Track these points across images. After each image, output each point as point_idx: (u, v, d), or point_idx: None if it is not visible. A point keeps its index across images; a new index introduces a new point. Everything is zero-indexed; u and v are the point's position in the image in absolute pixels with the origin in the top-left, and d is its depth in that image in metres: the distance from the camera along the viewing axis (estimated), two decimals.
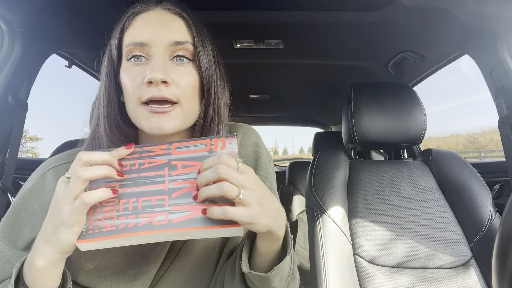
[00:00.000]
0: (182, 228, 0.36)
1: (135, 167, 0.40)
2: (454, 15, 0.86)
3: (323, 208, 0.86)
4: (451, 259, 0.81)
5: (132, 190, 0.39)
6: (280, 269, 0.42)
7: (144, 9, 0.49)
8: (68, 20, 0.91)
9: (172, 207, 0.37)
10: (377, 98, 0.97)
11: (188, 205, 0.37)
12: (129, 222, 0.36)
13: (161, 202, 0.38)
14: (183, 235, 0.37)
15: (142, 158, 0.41)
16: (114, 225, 0.36)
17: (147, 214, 0.37)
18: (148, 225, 0.36)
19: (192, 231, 0.36)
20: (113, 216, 0.37)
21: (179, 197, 0.38)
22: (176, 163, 0.40)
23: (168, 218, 0.36)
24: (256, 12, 0.96)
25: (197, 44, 0.48)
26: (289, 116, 2.56)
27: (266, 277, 0.42)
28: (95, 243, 0.36)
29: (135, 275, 0.49)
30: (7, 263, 0.46)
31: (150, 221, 0.36)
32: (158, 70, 0.43)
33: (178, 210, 0.37)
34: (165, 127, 0.45)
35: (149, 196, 0.38)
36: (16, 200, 0.50)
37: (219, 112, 0.52)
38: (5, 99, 0.86)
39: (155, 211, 0.37)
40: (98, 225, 0.36)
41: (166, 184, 0.39)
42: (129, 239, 0.36)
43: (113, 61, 0.49)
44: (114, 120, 0.49)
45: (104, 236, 0.35)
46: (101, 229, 0.36)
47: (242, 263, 0.43)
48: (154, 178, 0.39)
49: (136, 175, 0.40)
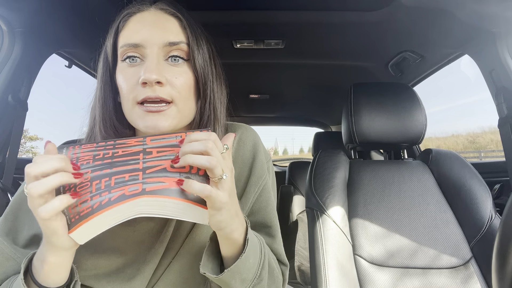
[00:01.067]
0: (156, 195, 0.35)
1: (109, 155, 0.39)
2: (454, 15, 0.86)
3: (323, 208, 0.86)
4: (451, 259, 0.81)
5: (105, 172, 0.37)
6: (234, 272, 0.42)
7: (138, 9, 0.49)
8: (68, 20, 0.91)
9: (146, 179, 0.36)
10: (377, 98, 0.97)
11: (163, 177, 0.36)
12: (103, 199, 0.35)
13: (135, 177, 0.36)
14: (158, 206, 0.36)
15: (116, 148, 0.40)
16: (89, 206, 0.35)
17: (120, 188, 0.35)
18: (121, 197, 0.35)
19: (166, 200, 0.35)
20: (87, 199, 0.35)
21: (154, 172, 0.37)
22: (151, 150, 0.40)
23: (142, 187, 0.35)
24: (256, 12, 0.96)
25: (191, 44, 0.48)
26: (289, 116, 2.56)
27: (218, 279, 0.42)
28: (81, 229, 0.35)
29: (132, 274, 0.49)
30: (10, 260, 0.47)
31: (123, 193, 0.35)
32: (152, 71, 0.44)
33: (153, 181, 0.36)
34: (160, 126, 0.45)
35: (123, 174, 0.37)
36: (14, 198, 0.50)
37: (215, 111, 0.52)
38: (5, 99, 0.86)
39: (128, 184, 0.36)
40: (76, 211, 0.35)
41: (140, 164, 0.38)
42: (107, 216, 0.35)
43: (109, 62, 0.49)
44: (109, 120, 0.49)
45: (84, 219, 0.34)
46: (80, 214, 0.35)
47: (201, 264, 0.43)
48: (128, 161, 0.38)
49: (109, 161, 0.38)
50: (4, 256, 0.47)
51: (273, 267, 0.51)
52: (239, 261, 0.42)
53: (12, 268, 0.47)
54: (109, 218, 0.35)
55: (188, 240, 0.50)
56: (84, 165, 0.38)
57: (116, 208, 0.34)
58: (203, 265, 0.43)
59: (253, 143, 0.58)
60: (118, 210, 0.35)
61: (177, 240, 0.50)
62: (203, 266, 0.43)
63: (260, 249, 0.47)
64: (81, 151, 0.40)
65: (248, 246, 0.42)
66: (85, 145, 0.41)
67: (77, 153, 0.40)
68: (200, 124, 0.52)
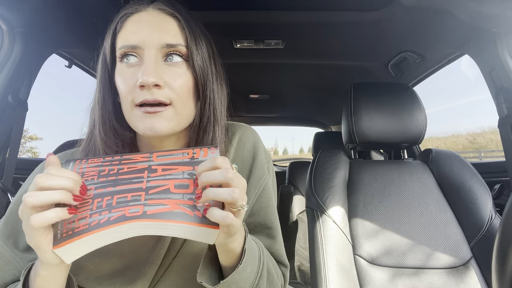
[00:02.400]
0: (157, 220, 0.34)
1: (114, 172, 0.39)
2: (454, 15, 0.86)
3: (323, 208, 0.86)
4: (451, 259, 0.81)
5: (108, 190, 0.37)
6: (231, 283, 0.41)
7: (135, 10, 0.48)
8: (68, 20, 0.91)
9: (148, 201, 0.35)
10: (377, 98, 0.97)
11: (166, 200, 0.36)
12: (102, 218, 0.34)
13: (137, 198, 0.36)
14: (159, 229, 0.35)
15: (122, 164, 0.40)
16: (86, 223, 0.34)
17: (121, 208, 0.35)
18: (121, 217, 0.34)
19: (168, 224, 0.35)
20: (86, 216, 0.34)
21: (157, 193, 0.36)
22: (156, 167, 0.39)
23: (143, 210, 0.34)
24: (256, 12, 0.96)
25: (190, 45, 0.48)
26: (289, 116, 2.56)
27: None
28: (70, 246, 0.33)
29: (134, 277, 0.48)
30: (9, 265, 0.46)
31: (124, 214, 0.34)
32: (150, 74, 0.43)
33: (155, 204, 0.35)
34: (157, 128, 0.45)
35: (125, 193, 0.36)
36: (15, 201, 0.50)
37: (215, 113, 0.51)
38: (5, 99, 0.86)
39: (129, 205, 0.35)
40: (71, 226, 0.34)
41: (144, 184, 0.37)
42: (103, 235, 0.34)
43: (107, 63, 0.48)
44: (109, 122, 0.48)
45: (77, 236, 0.33)
46: (74, 230, 0.34)
47: (198, 272, 0.42)
48: (133, 179, 0.38)
49: (113, 178, 0.38)
50: (4, 260, 0.46)
51: (272, 274, 0.51)
52: (236, 273, 0.41)
53: (11, 272, 0.46)
54: (104, 237, 0.34)
55: (189, 241, 0.50)
56: (88, 181, 0.38)
57: (114, 228, 0.33)
58: (200, 274, 0.42)
59: (253, 143, 0.58)
60: (116, 231, 0.34)
61: (177, 241, 0.50)
62: (200, 275, 0.42)
63: (258, 257, 0.46)
64: (87, 166, 0.40)
65: (246, 256, 0.42)
66: (92, 160, 0.41)
67: (83, 168, 0.39)
68: (200, 125, 0.51)
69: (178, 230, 0.35)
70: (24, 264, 0.47)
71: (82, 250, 0.35)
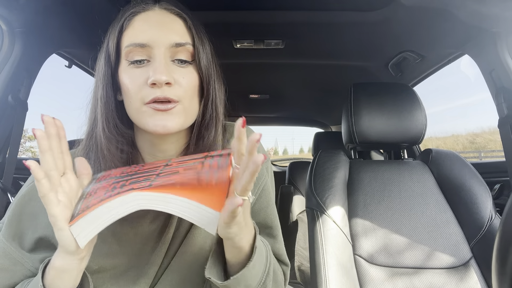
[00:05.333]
0: (161, 189, 0.36)
1: (135, 169, 0.43)
2: (454, 15, 0.86)
3: (323, 208, 0.86)
4: (451, 259, 0.81)
5: (125, 179, 0.41)
6: (240, 280, 0.42)
7: (142, 9, 0.49)
8: (68, 20, 0.90)
9: (157, 178, 0.39)
10: (377, 98, 0.97)
11: (173, 175, 0.38)
12: (113, 193, 0.37)
13: (148, 178, 0.39)
14: (161, 202, 0.36)
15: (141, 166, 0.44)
16: (100, 199, 0.37)
17: (132, 186, 0.38)
18: (129, 190, 0.37)
19: (170, 197, 0.36)
20: (101, 194, 0.38)
21: (167, 174, 0.39)
22: (172, 164, 0.43)
23: (150, 183, 0.38)
24: (256, 12, 0.96)
25: (197, 45, 0.49)
26: (289, 116, 2.56)
27: (223, 285, 0.42)
28: (82, 221, 0.36)
29: (137, 276, 0.49)
30: (17, 265, 0.47)
31: (132, 187, 0.37)
32: (162, 72, 0.44)
33: (162, 179, 0.38)
34: (169, 125, 0.45)
35: (139, 176, 0.40)
36: (16, 202, 0.50)
37: (217, 110, 0.52)
38: (5, 99, 0.86)
39: (140, 182, 0.38)
40: (87, 204, 0.38)
41: (157, 172, 0.41)
42: (110, 206, 0.36)
43: (111, 61, 0.48)
44: (112, 120, 0.48)
45: (89, 209, 0.36)
46: (88, 205, 0.37)
47: (206, 268, 0.43)
48: (148, 171, 0.42)
49: (133, 172, 0.43)
50: (12, 261, 0.47)
51: (276, 273, 0.51)
52: (246, 269, 0.42)
53: (21, 272, 0.47)
54: (111, 210, 0.36)
55: (187, 240, 0.50)
56: (108, 178, 0.42)
57: (119, 198, 0.36)
58: (208, 270, 0.43)
59: None
60: (121, 201, 0.36)
61: (176, 240, 0.50)
62: (208, 271, 0.42)
63: (266, 256, 0.47)
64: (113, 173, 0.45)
65: (256, 254, 0.42)
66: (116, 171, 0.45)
67: (111, 173, 0.44)
68: (202, 123, 0.51)
69: (180, 206, 0.36)
70: (32, 264, 0.47)
71: (93, 228, 0.37)
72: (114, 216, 0.37)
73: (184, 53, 0.48)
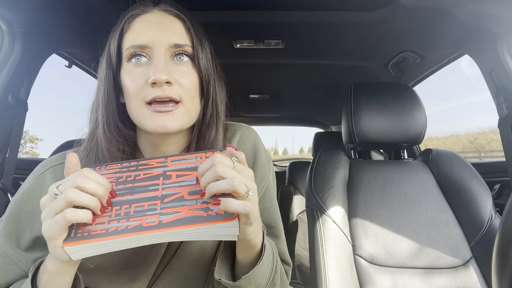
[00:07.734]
0: (172, 227, 0.35)
1: (131, 178, 0.41)
2: (454, 15, 0.86)
3: (323, 208, 0.86)
4: (451, 259, 0.81)
5: (126, 198, 0.39)
6: (251, 278, 0.42)
7: (142, 11, 0.49)
8: (68, 20, 0.90)
9: (163, 210, 0.37)
10: (377, 98, 0.97)
11: (180, 207, 0.37)
12: (120, 225, 0.36)
13: (153, 207, 0.38)
14: (175, 235, 0.36)
15: (138, 170, 0.42)
16: (104, 228, 0.36)
17: (138, 218, 0.36)
18: (138, 227, 0.35)
19: (182, 230, 0.36)
20: (104, 221, 0.36)
21: (172, 201, 0.38)
22: (171, 173, 0.41)
23: (159, 219, 0.36)
24: (256, 12, 0.96)
25: (196, 45, 0.49)
26: (289, 116, 2.56)
27: (234, 286, 0.42)
28: (82, 246, 0.35)
29: (134, 275, 0.49)
30: (11, 264, 0.47)
31: (141, 223, 0.36)
32: (162, 71, 0.44)
33: (169, 212, 0.37)
34: (169, 126, 0.46)
35: (142, 202, 0.38)
36: (15, 200, 0.50)
37: (218, 110, 0.53)
38: (5, 99, 0.85)
39: (146, 215, 0.37)
40: (88, 228, 0.36)
41: (159, 191, 0.39)
42: (119, 242, 0.36)
43: (113, 64, 0.49)
44: (113, 122, 0.49)
45: (93, 238, 0.35)
46: (90, 232, 0.35)
47: (216, 270, 0.43)
48: (149, 187, 0.40)
49: (131, 185, 0.40)
50: (6, 259, 0.47)
51: (282, 272, 0.52)
52: (256, 268, 0.42)
53: (14, 271, 0.47)
54: (119, 243, 0.36)
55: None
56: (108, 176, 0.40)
57: (131, 237, 0.35)
58: (218, 271, 0.43)
59: (253, 144, 0.58)
60: (132, 239, 0.36)
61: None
62: (218, 273, 0.43)
63: (272, 253, 0.48)
64: (106, 172, 0.42)
65: (265, 252, 0.43)
66: (110, 166, 0.43)
67: (102, 174, 0.41)
68: (203, 122, 0.52)
69: (194, 233, 0.36)
70: (26, 264, 0.47)
71: (91, 252, 0.36)
72: (119, 247, 0.36)
73: (184, 53, 0.49)
